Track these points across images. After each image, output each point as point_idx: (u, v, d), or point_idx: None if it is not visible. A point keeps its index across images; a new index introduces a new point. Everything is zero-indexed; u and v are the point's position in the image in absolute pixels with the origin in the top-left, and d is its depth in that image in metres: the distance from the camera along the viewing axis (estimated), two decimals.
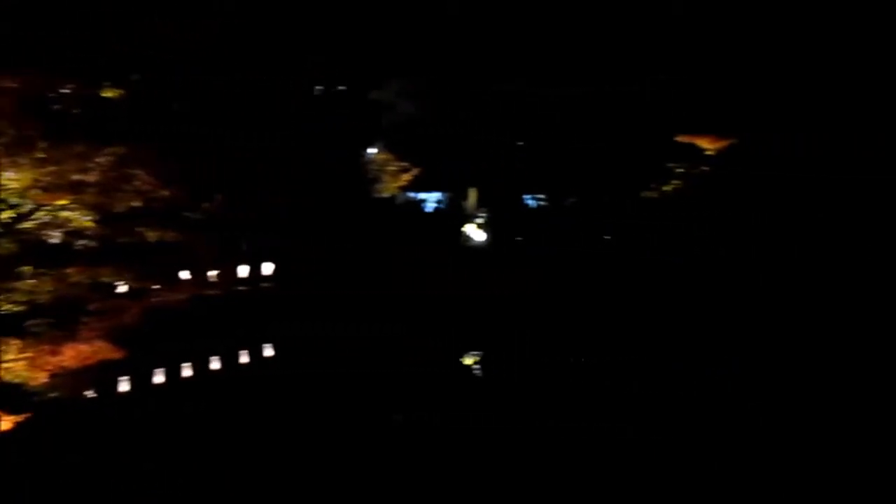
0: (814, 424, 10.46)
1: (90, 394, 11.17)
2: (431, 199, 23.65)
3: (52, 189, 9.48)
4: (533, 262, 19.23)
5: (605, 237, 20.74)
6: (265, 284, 17.14)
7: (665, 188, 20.83)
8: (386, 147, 22.40)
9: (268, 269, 17.46)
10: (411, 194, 22.95)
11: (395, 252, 18.86)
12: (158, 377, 13.28)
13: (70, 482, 9.39)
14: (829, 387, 12.06)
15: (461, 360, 16.49)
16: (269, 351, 15.39)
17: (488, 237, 21.88)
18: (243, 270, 17.02)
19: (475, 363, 16.54)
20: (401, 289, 17.36)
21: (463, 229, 22.13)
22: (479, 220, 22.42)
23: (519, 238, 21.32)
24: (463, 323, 16.63)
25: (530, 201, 23.39)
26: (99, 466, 9.85)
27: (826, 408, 11.13)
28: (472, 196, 23.58)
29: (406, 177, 22.27)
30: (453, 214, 22.76)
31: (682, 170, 20.82)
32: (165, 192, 10.36)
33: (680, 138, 20.67)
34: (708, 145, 20.48)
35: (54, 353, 9.77)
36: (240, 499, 9.62)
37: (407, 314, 16.44)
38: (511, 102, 22.64)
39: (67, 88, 10.38)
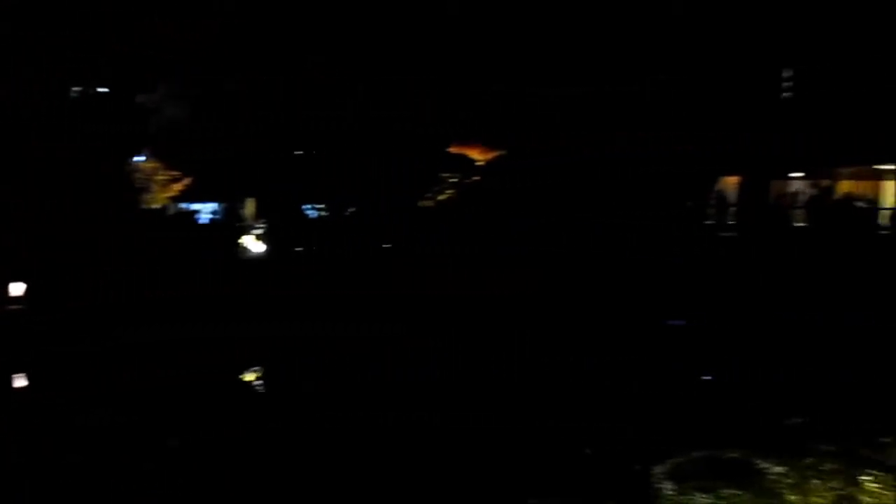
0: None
1: None
2: (206, 210, 22.77)
3: None
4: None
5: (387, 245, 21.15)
6: (13, 306, 15.72)
7: (440, 197, 21.74)
8: (154, 155, 21.19)
9: (17, 289, 16.00)
10: (183, 205, 21.93)
11: (171, 262, 18.06)
12: None
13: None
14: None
15: (242, 375, 16.06)
16: (21, 381, 13.97)
17: (267, 247, 21.44)
18: None
19: (257, 378, 16.17)
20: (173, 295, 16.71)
21: (240, 240, 21.50)
22: (258, 231, 21.91)
23: (299, 248, 21.09)
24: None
25: (310, 211, 23.28)
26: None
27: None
28: (250, 206, 23.02)
29: (177, 186, 21.25)
30: (230, 225, 22.06)
31: (455, 180, 21.86)
32: None
33: (453, 149, 21.70)
34: (478, 156, 21.68)
35: None
36: None
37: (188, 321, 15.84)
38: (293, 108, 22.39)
39: None
